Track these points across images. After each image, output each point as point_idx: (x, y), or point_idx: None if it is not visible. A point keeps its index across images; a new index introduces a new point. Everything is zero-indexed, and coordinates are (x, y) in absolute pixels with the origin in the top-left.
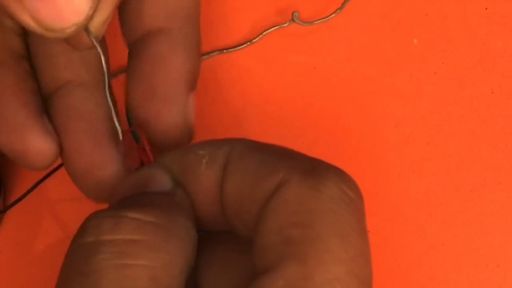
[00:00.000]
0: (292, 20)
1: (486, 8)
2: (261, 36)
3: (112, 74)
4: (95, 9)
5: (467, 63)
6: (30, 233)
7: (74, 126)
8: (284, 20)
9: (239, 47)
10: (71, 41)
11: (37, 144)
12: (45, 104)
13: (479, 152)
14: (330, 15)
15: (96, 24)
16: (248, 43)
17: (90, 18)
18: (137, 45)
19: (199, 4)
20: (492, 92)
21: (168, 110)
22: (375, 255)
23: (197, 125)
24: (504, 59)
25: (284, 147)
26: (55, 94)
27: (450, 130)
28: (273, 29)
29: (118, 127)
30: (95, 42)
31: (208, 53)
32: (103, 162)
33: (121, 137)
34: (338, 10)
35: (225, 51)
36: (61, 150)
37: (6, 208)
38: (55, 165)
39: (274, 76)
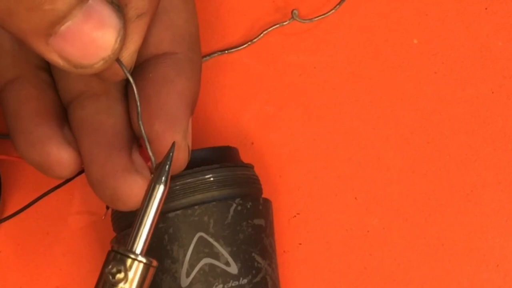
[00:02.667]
0: (292, 18)
1: (486, 8)
2: (261, 35)
3: None
4: (122, 41)
5: (467, 63)
6: (30, 233)
7: (87, 137)
8: (283, 18)
9: (239, 48)
10: (104, 74)
11: (57, 155)
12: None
13: (479, 152)
14: (330, 10)
15: (127, 55)
16: (249, 42)
17: (118, 50)
18: (141, 67)
19: (199, 29)
20: (492, 92)
21: (172, 132)
22: (375, 255)
23: (198, 125)
24: (504, 59)
25: None
26: (70, 105)
27: (450, 130)
28: (273, 27)
29: (152, 156)
30: (127, 74)
31: (209, 54)
32: (115, 171)
33: (154, 163)
34: (338, 6)
35: (226, 51)
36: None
37: (4, 219)
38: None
39: (274, 76)
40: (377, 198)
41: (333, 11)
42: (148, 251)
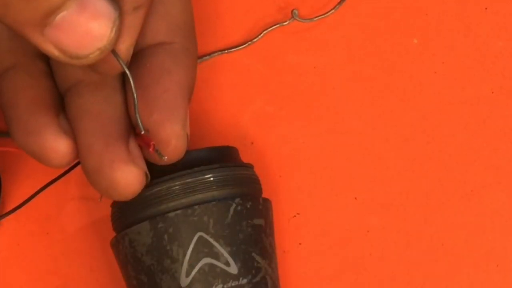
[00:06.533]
0: (292, 17)
1: (486, 8)
2: (261, 35)
3: None
4: (118, 31)
5: (467, 63)
6: (30, 233)
7: (84, 126)
8: (283, 18)
9: (239, 47)
10: (101, 68)
11: (52, 145)
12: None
13: (479, 152)
14: (330, 10)
15: (124, 48)
16: (249, 42)
17: (113, 40)
18: (138, 57)
19: (194, 18)
20: (492, 92)
21: (171, 121)
22: (375, 255)
23: (197, 125)
24: (504, 59)
25: None
26: (67, 94)
27: (450, 130)
28: (273, 27)
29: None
30: (124, 66)
31: (208, 54)
32: (112, 161)
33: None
34: (338, 5)
35: (226, 51)
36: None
37: (4, 214)
38: (54, 175)
39: (274, 76)
40: (377, 198)
41: (333, 11)
42: (148, 251)
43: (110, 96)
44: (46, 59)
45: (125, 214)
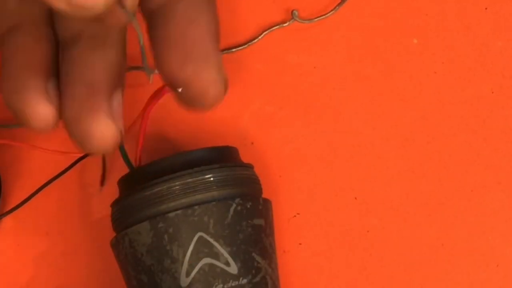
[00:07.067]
0: (293, 18)
1: (486, 8)
2: (262, 36)
3: None
4: None
5: (467, 63)
6: (30, 233)
7: (73, 76)
8: (283, 19)
9: (240, 48)
10: (107, 19)
11: (34, 107)
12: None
13: (479, 152)
14: (330, 11)
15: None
16: (249, 43)
17: None
18: (159, 12)
19: None
20: (492, 92)
21: (207, 69)
22: (375, 255)
23: (198, 125)
24: (504, 59)
25: None
26: (66, 45)
27: (450, 130)
28: (273, 28)
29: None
30: (131, 17)
31: None
32: (91, 110)
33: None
34: (338, 6)
35: (226, 51)
36: (60, 117)
37: (5, 213)
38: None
39: (274, 76)
40: (377, 198)
41: (333, 11)
42: (148, 251)
43: (106, 52)
44: (50, 24)
45: (125, 214)
